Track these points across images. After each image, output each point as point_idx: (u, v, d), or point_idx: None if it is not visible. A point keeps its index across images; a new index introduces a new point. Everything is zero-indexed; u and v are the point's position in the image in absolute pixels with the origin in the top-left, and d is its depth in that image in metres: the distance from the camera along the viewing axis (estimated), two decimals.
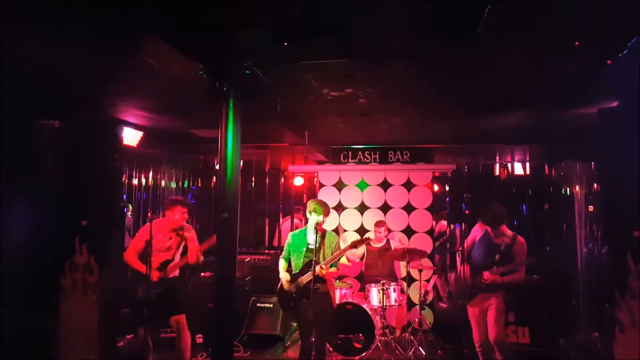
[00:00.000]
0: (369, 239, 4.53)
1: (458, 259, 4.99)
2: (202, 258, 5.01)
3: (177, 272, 5.01)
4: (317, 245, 4.39)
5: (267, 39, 3.28)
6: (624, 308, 4.36)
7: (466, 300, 4.77)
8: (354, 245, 4.45)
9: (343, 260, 5.73)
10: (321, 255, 4.42)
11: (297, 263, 4.54)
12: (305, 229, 4.65)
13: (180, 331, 4.87)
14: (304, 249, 4.51)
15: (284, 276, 4.57)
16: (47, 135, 5.10)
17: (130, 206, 7.84)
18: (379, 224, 6.64)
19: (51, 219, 5.02)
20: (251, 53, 3.60)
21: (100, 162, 5.41)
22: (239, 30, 3.26)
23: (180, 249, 4.92)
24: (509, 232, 4.74)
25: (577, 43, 3.24)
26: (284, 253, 4.76)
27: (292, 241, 4.68)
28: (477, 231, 4.93)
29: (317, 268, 4.25)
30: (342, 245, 4.63)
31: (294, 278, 4.52)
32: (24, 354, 4.68)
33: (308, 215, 4.58)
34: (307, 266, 4.39)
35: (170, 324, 4.94)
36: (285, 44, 3.28)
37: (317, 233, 4.40)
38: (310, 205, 4.57)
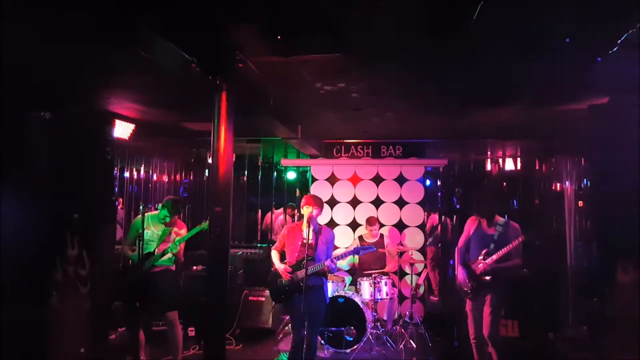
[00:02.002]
0: (374, 248, 4.59)
1: (456, 256, 4.99)
2: (182, 260, 5.03)
3: (171, 267, 4.98)
4: (313, 240, 4.40)
5: (260, 32, 3.28)
6: (612, 302, 4.43)
7: (470, 296, 4.80)
8: (357, 252, 4.49)
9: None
10: (317, 251, 4.42)
11: (292, 257, 4.54)
12: (302, 223, 4.62)
13: (171, 325, 4.87)
14: (299, 243, 4.50)
15: (281, 267, 4.55)
16: (38, 128, 5.06)
17: (120, 200, 7.82)
18: (371, 221, 6.64)
19: (42, 212, 4.97)
20: (244, 46, 3.59)
21: (91, 154, 5.36)
22: (232, 24, 3.25)
23: (165, 242, 4.89)
24: (502, 219, 4.78)
25: (567, 40, 3.27)
26: (277, 244, 4.74)
27: (289, 234, 4.66)
28: (470, 226, 4.95)
29: (327, 262, 4.31)
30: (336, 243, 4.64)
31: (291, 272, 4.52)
32: (16, 348, 4.66)
33: (302, 210, 4.57)
34: (303, 261, 4.37)
35: (162, 317, 4.95)
36: (279, 37, 3.28)
37: (309, 227, 4.40)
38: (304, 199, 4.57)
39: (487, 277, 4.64)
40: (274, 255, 4.68)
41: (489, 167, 8.75)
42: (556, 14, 2.96)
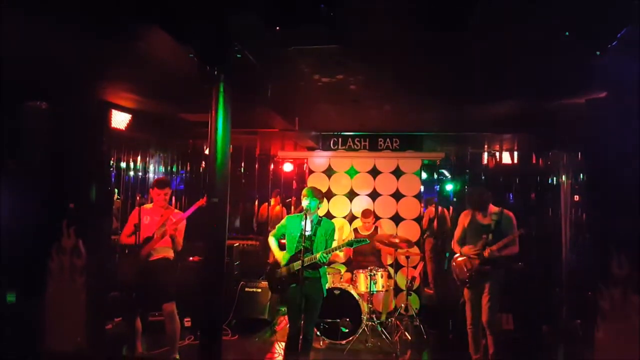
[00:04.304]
0: (366, 241, 4.57)
1: (454, 246, 5.04)
2: (179, 246, 4.92)
3: (170, 255, 4.93)
4: (312, 232, 4.40)
5: (258, 23, 3.25)
6: (606, 296, 4.47)
7: (468, 286, 4.86)
8: (350, 244, 4.46)
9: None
10: (316, 244, 4.41)
11: (291, 247, 4.53)
12: (302, 214, 4.59)
13: (170, 318, 4.84)
14: (299, 234, 4.48)
15: (280, 256, 4.54)
16: (34, 118, 5.04)
17: (116, 191, 7.79)
18: (366, 214, 6.67)
19: (38, 202, 4.97)
20: (242, 37, 3.57)
21: (87, 145, 5.36)
22: (230, 14, 3.23)
23: (163, 228, 4.82)
24: (496, 209, 4.81)
25: (566, 34, 3.27)
26: (274, 231, 4.71)
27: (288, 224, 4.62)
28: (463, 219, 4.99)
29: (320, 255, 4.28)
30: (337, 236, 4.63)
31: (287, 262, 4.51)
32: (12, 336, 4.67)
33: (302, 201, 4.55)
34: (301, 252, 4.35)
35: (159, 309, 4.92)
36: (277, 28, 3.26)
37: (306, 218, 4.39)
38: (304, 191, 4.56)
39: (486, 267, 4.69)
40: (272, 242, 4.67)
41: (485, 160, 8.75)
42: (555, 7, 2.95)
